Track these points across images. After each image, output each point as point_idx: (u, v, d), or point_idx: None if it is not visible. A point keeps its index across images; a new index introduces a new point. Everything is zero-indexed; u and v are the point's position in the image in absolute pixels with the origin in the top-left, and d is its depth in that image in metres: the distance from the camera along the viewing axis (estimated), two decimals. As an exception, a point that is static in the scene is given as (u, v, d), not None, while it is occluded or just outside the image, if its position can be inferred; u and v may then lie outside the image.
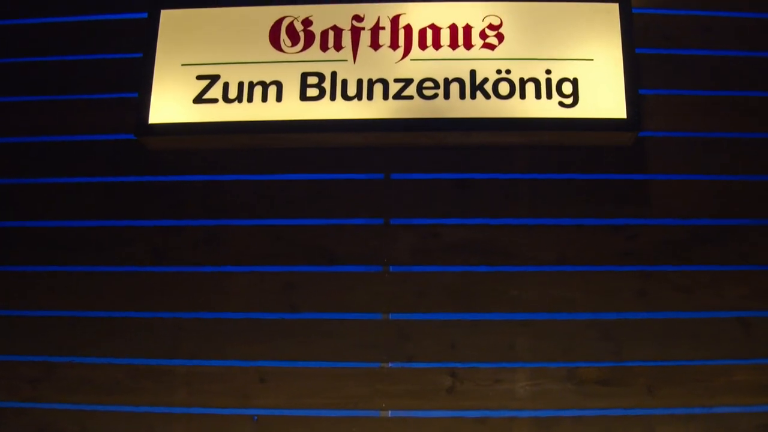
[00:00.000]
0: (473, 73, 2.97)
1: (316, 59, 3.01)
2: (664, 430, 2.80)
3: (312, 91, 2.98)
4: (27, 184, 3.14)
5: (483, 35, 3.01)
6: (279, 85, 2.99)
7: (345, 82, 2.98)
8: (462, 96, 2.95)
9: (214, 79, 3.01)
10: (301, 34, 3.04)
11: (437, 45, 3.01)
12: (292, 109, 2.97)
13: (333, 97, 2.97)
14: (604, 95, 2.94)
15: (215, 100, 2.99)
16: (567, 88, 2.94)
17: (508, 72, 2.96)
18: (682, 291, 2.92)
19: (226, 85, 3.00)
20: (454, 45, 3.01)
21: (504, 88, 2.95)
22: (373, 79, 2.98)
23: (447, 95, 2.95)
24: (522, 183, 3.04)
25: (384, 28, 3.04)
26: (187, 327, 2.95)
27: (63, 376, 2.93)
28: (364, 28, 3.04)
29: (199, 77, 3.01)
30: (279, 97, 2.98)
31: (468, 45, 3.01)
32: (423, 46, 3.01)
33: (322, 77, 2.99)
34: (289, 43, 3.04)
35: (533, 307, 2.92)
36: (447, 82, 2.96)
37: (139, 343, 2.94)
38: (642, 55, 3.09)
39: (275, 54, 3.03)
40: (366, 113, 2.95)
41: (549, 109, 2.93)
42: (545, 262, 2.96)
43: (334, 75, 2.99)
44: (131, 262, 3.03)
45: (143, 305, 2.98)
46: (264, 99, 2.98)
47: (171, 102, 3.01)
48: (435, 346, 2.90)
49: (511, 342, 2.90)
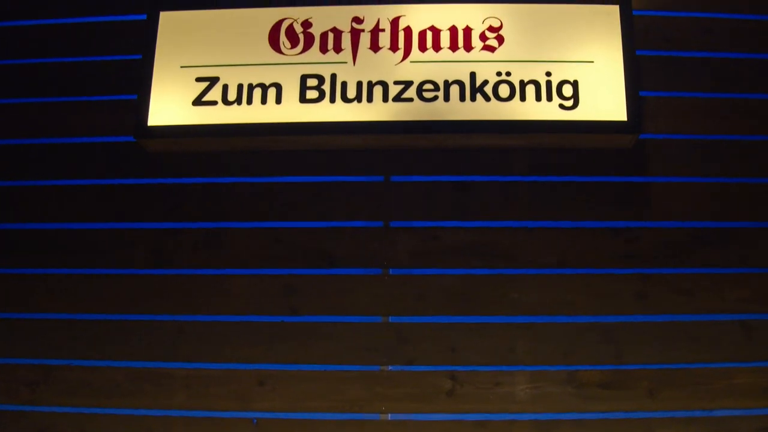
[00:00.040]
0: (473, 75, 2.96)
1: (316, 61, 3.00)
2: (664, 434, 2.80)
3: (311, 93, 2.97)
4: (26, 186, 3.13)
5: (483, 37, 3.01)
6: (278, 87, 2.98)
7: (345, 84, 2.97)
8: (462, 98, 2.94)
9: (214, 81, 3.00)
10: (301, 36, 3.04)
11: (437, 47, 3.00)
12: (291, 111, 2.96)
13: (333, 100, 2.96)
14: (605, 97, 2.93)
15: (214, 102, 2.99)
16: (567, 91, 2.94)
17: (509, 74, 2.96)
18: (682, 294, 2.92)
19: (226, 87, 2.99)
20: (454, 47, 3.00)
21: (504, 91, 2.94)
22: (373, 81, 2.97)
23: (447, 97, 2.94)
24: (522, 185, 3.03)
25: (384, 30, 3.03)
26: (186, 330, 2.94)
27: (62, 378, 2.92)
28: (363, 30, 3.03)
29: (199, 79, 3.01)
30: (278, 99, 2.97)
31: (468, 47, 3.00)
32: (423, 48, 3.00)
33: (321, 79, 2.98)
34: (288, 45, 3.03)
35: (533, 310, 2.92)
36: (447, 85, 2.95)
37: (139, 345, 2.94)
38: (642, 57, 3.08)
39: (275, 56, 3.02)
40: (366, 115, 2.94)
41: (549, 111, 2.92)
42: (545, 264, 2.95)
43: (333, 77, 2.98)
44: (131, 265, 3.02)
45: (142, 308, 2.98)
46: (263, 101, 2.97)
47: (170, 104, 3.00)
48: (435, 348, 2.89)
49: (511, 345, 2.89)
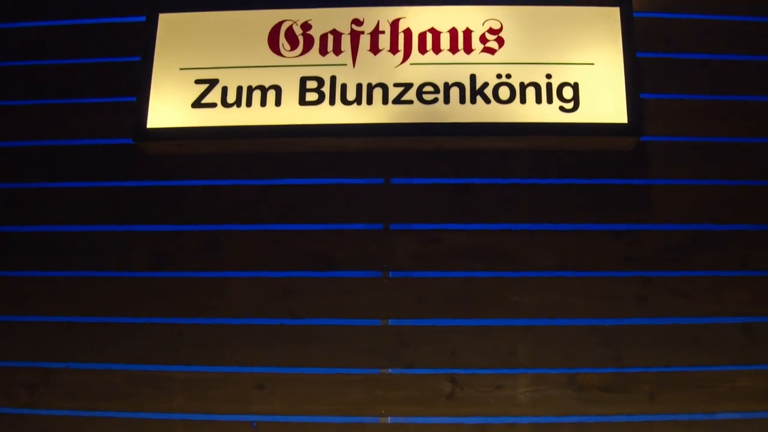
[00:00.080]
0: (473, 77, 2.95)
1: (316, 63, 2.99)
2: (665, 437, 2.79)
3: (311, 96, 2.96)
4: (25, 188, 3.12)
5: (483, 39, 3.00)
6: (278, 90, 2.97)
7: (344, 87, 2.96)
8: (462, 100, 2.93)
9: (213, 83, 2.99)
10: (300, 38, 3.03)
11: (437, 49, 2.99)
12: (291, 113, 2.95)
13: (332, 102, 2.95)
14: (605, 100, 2.92)
15: (214, 105, 2.98)
16: (567, 93, 2.93)
17: (509, 76, 2.95)
18: (683, 296, 2.91)
19: (225, 90, 2.98)
20: (454, 49, 2.99)
21: (504, 93, 2.93)
22: (373, 84, 2.96)
23: (447, 100, 2.93)
24: (522, 188, 3.02)
25: (383, 32, 3.02)
26: (185, 332, 2.94)
27: (61, 381, 2.92)
28: (363, 32, 3.02)
29: (198, 81, 3.00)
30: (278, 102, 2.96)
31: (468, 49, 2.99)
32: (423, 50, 2.99)
33: (321, 81, 2.97)
34: (288, 47, 3.02)
35: (534, 313, 2.91)
36: (447, 87, 2.94)
37: (138, 348, 2.93)
38: (643, 59, 3.07)
39: (274, 58, 3.01)
40: (365, 118, 2.94)
41: (549, 113, 2.91)
42: (546, 267, 2.94)
43: (333, 79, 2.97)
44: (130, 267, 3.01)
45: (142, 310, 2.97)
46: (263, 103, 2.96)
47: (169, 106, 2.99)
48: (435, 352, 2.89)
49: (512, 348, 2.88)
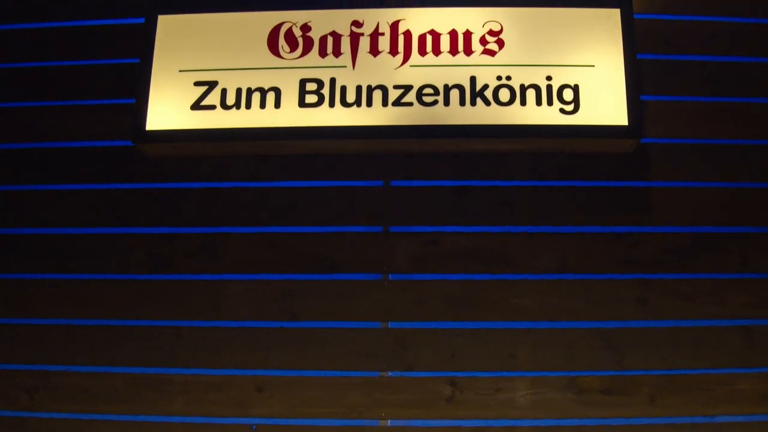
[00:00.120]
0: (473, 79, 2.94)
1: (315, 65, 2.99)
2: (665, 440, 2.79)
3: (311, 98, 2.95)
4: (23, 191, 3.11)
5: (483, 41, 2.99)
6: (277, 92, 2.96)
7: (344, 89, 2.95)
8: (462, 103, 2.92)
9: (212, 85, 2.98)
10: (300, 40, 3.02)
11: (437, 51, 2.98)
12: (290, 115, 2.94)
13: (332, 104, 2.95)
14: (606, 102, 2.91)
15: (213, 107, 2.97)
16: (568, 95, 2.92)
17: (509, 78, 2.94)
18: (683, 299, 2.90)
19: (224, 92, 2.97)
20: (454, 51, 2.98)
21: (504, 95, 2.92)
22: (373, 86, 2.95)
23: (447, 102, 2.92)
24: (522, 190, 3.01)
25: (383, 34, 3.01)
26: (185, 335, 2.93)
27: (60, 384, 2.91)
28: (363, 34, 3.01)
29: (197, 83, 2.99)
30: (277, 104, 2.95)
31: (468, 51, 2.98)
32: (423, 52, 2.98)
33: (320, 83, 2.96)
34: (287, 49, 3.01)
35: (534, 316, 2.90)
36: (447, 89, 2.93)
37: (137, 351, 2.92)
38: (643, 60, 3.07)
39: (274, 60, 3.00)
40: (365, 120, 2.93)
41: (550, 115, 2.90)
42: (546, 270, 2.94)
43: (333, 81, 2.96)
44: (129, 270, 3.00)
45: (141, 313, 2.96)
46: (262, 105, 2.95)
47: (168, 108, 2.98)
48: (435, 354, 2.88)
49: (512, 351, 2.88)
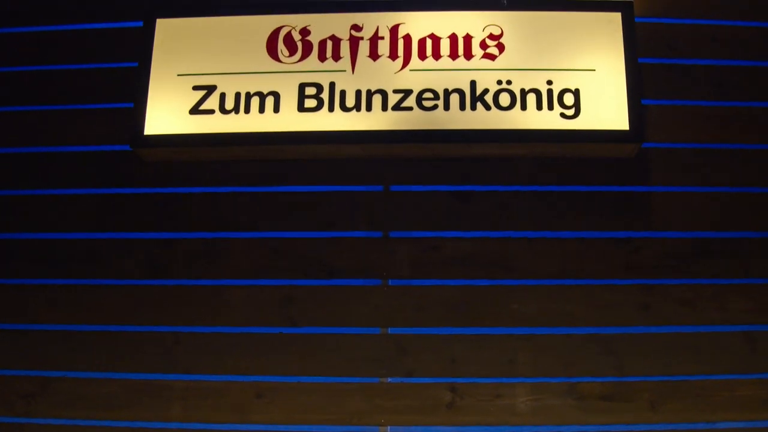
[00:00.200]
0: (473, 83, 2.93)
1: (314, 69, 2.97)
2: (666, 446, 2.78)
3: (310, 102, 2.94)
4: (21, 195, 3.10)
5: (483, 45, 2.97)
6: (276, 96, 2.94)
7: (343, 93, 2.94)
8: (462, 107, 2.91)
9: (211, 89, 2.96)
10: (299, 44, 3.00)
11: (437, 55, 2.97)
12: (289, 120, 2.93)
13: (331, 108, 2.93)
14: (606, 106, 2.90)
15: (212, 111, 2.95)
16: (569, 99, 2.90)
17: (509, 83, 2.92)
18: (684, 305, 2.89)
19: (223, 96, 2.95)
20: (454, 55, 2.97)
21: (505, 99, 2.91)
22: (372, 90, 2.93)
23: (447, 106, 2.91)
24: (523, 195, 3.00)
25: (383, 38, 2.99)
26: (183, 341, 2.92)
27: (58, 391, 2.90)
28: (362, 38, 2.99)
29: (196, 88, 2.97)
30: (276, 108, 2.94)
31: (468, 55, 2.96)
32: (422, 56, 2.97)
33: (320, 88, 2.95)
34: (286, 53, 3.00)
35: (534, 321, 2.89)
36: (447, 93, 2.92)
37: (136, 357, 2.91)
38: (645, 64, 3.05)
39: (273, 64, 2.98)
40: (365, 125, 2.91)
41: (550, 120, 2.89)
42: (546, 275, 2.92)
43: (332, 86, 2.95)
44: (128, 275, 2.99)
45: (139, 319, 2.95)
46: (261, 110, 2.94)
47: (167, 113, 2.96)
48: (435, 360, 2.87)
49: (512, 356, 2.86)
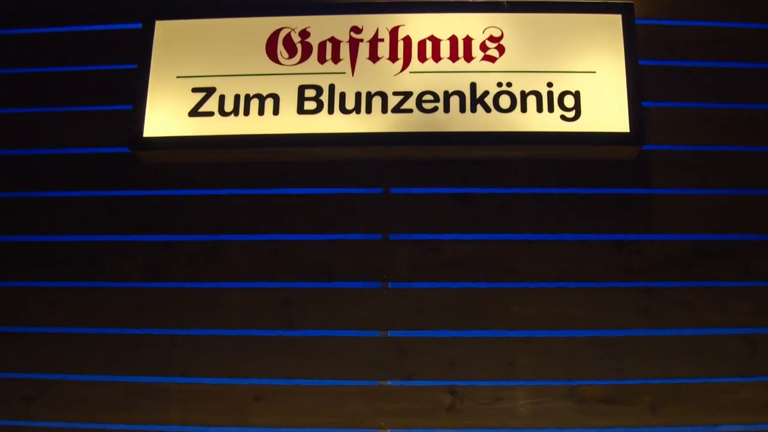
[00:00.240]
0: (473, 85, 2.92)
1: (314, 71, 2.96)
2: (667, 449, 2.77)
3: (310, 104, 2.93)
4: (20, 198, 3.08)
5: (483, 47, 2.96)
6: (276, 98, 2.94)
7: (343, 95, 2.93)
8: (462, 109, 2.90)
9: (210, 91, 2.96)
10: (299, 46, 2.99)
11: (437, 57, 2.96)
12: (289, 122, 2.92)
13: (331, 111, 2.92)
14: (607, 108, 2.89)
15: (211, 114, 2.94)
16: (569, 102, 2.89)
17: (509, 85, 2.91)
18: (685, 307, 2.87)
19: (222, 98, 2.95)
20: (454, 57, 2.96)
21: (505, 102, 2.90)
22: (372, 92, 2.92)
23: (447, 108, 2.90)
24: (523, 197, 2.99)
25: (383, 40, 2.98)
26: (182, 344, 2.90)
27: (57, 393, 2.88)
28: (362, 40, 2.99)
29: (195, 90, 2.96)
30: (276, 111, 2.93)
31: (468, 57, 2.95)
32: (422, 58, 2.96)
33: (319, 90, 2.94)
34: (286, 55, 2.99)
35: (534, 324, 2.88)
36: (447, 95, 2.91)
37: (134, 360, 2.89)
38: (645, 66, 3.03)
39: (272, 66, 2.97)
40: (364, 127, 2.90)
41: (551, 122, 2.88)
42: (547, 277, 2.91)
43: (332, 88, 2.94)
44: (126, 278, 2.97)
45: (138, 321, 2.93)
46: (261, 112, 2.93)
47: (166, 115, 2.95)
48: (434, 363, 2.85)
49: (512, 359, 2.85)
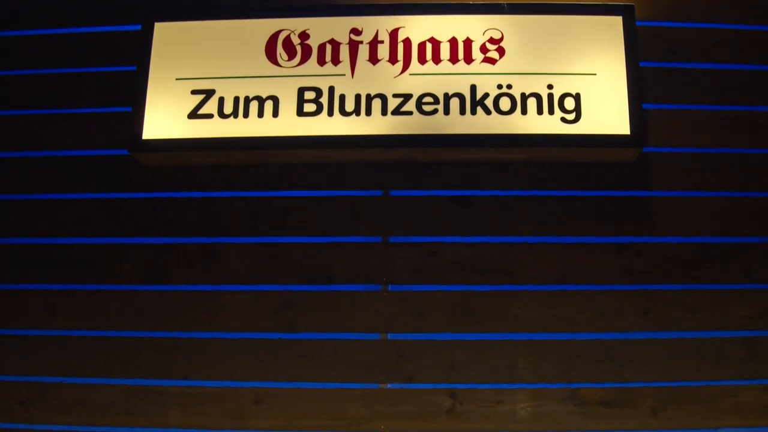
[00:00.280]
0: (474, 88, 2.91)
1: (314, 74, 2.95)
2: (668, 453, 2.76)
3: (309, 107, 2.92)
4: (18, 200, 3.08)
5: (484, 49, 2.95)
6: (275, 100, 2.93)
7: (343, 97, 2.92)
8: (462, 111, 2.89)
9: (210, 93, 2.95)
10: (298, 48, 2.98)
11: (437, 59, 2.95)
12: (289, 124, 2.91)
13: (330, 113, 2.91)
14: (607, 110, 2.88)
15: (210, 116, 2.93)
16: (569, 104, 2.89)
17: (510, 87, 2.91)
18: (686, 310, 2.87)
19: (222, 100, 2.94)
20: (454, 59, 2.95)
21: (505, 104, 2.89)
22: (372, 94, 2.92)
23: (447, 111, 2.89)
24: (523, 200, 2.98)
25: (383, 42, 2.97)
26: (182, 347, 2.90)
27: (56, 396, 2.88)
28: (362, 42, 2.98)
29: (194, 92, 2.96)
30: (276, 113, 2.92)
31: (468, 59, 2.94)
32: (422, 60, 2.95)
33: (319, 92, 2.93)
34: (285, 57, 2.98)
35: (535, 327, 2.87)
36: (447, 98, 2.90)
37: (133, 363, 2.89)
38: (646, 68, 3.03)
39: (272, 68, 2.97)
40: (364, 129, 2.89)
41: (551, 125, 2.87)
42: (547, 280, 2.91)
43: (331, 90, 2.93)
44: (125, 281, 2.97)
45: (137, 324, 2.93)
46: (260, 114, 2.92)
47: (165, 117, 2.95)
48: (434, 366, 2.85)
49: (512, 362, 2.84)
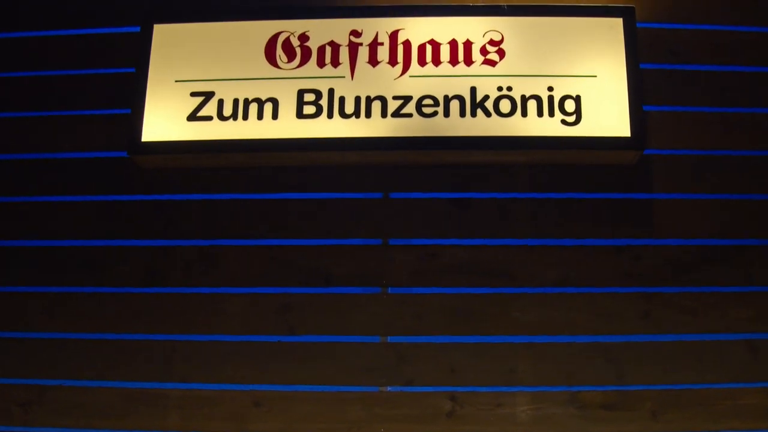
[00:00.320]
0: (474, 90, 2.90)
1: (313, 76, 2.94)
2: (668, 456, 2.76)
3: (309, 109, 2.91)
4: (17, 203, 3.07)
5: (484, 51, 2.95)
6: (275, 103, 2.92)
7: (342, 100, 2.91)
8: (462, 114, 2.88)
9: (209, 96, 2.94)
10: (298, 50, 2.97)
11: (437, 61, 2.94)
12: (288, 127, 2.90)
13: (330, 115, 2.90)
14: (608, 113, 2.87)
15: (210, 118, 2.93)
16: (569, 106, 2.88)
17: (510, 89, 2.90)
18: (686, 313, 2.86)
19: (221, 103, 2.93)
20: (454, 61, 2.94)
21: (505, 106, 2.88)
22: (372, 97, 2.91)
23: (447, 113, 2.88)
24: (523, 202, 2.97)
25: (382, 44, 2.97)
26: (180, 349, 2.89)
27: (55, 399, 2.87)
28: (362, 44, 2.97)
29: (194, 94, 2.95)
30: (275, 115, 2.91)
31: (468, 61, 2.94)
32: (422, 62, 2.94)
33: (319, 94, 2.92)
34: (285, 59, 2.97)
35: (534, 330, 2.87)
36: (447, 100, 2.89)
37: (132, 365, 2.88)
38: (647, 70, 3.02)
39: (271, 70, 2.96)
40: (364, 131, 2.89)
41: (551, 127, 2.86)
42: (547, 283, 2.90)
43: (331, 92, 2.92)
44: (124, 283, 2.96)
45: (136, 327, 2.92)
46: (260, 117, 2.91)
47: (164, 119, 2.94)
48: (434, 369, 2.84)
49: (512, 365, 2.84)
